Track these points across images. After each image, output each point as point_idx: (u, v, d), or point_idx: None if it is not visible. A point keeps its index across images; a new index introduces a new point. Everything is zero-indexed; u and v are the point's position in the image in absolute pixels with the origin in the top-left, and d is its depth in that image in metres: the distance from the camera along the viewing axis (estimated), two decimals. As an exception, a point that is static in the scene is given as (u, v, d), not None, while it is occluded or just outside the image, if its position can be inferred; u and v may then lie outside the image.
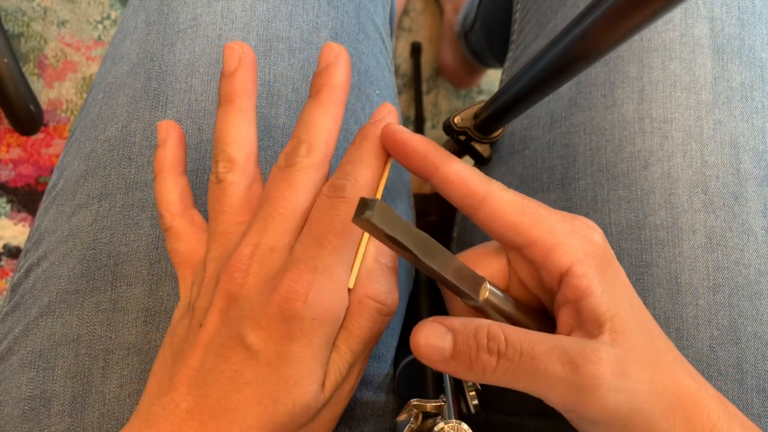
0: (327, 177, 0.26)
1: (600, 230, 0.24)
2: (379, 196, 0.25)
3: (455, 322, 0.22)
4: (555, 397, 0.21)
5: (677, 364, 0.23)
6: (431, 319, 0.22)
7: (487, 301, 0.23)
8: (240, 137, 0.26)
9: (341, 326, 0.24)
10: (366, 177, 0.25)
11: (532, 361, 0.21)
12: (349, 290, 0.24)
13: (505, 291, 0.25)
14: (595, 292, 0.22)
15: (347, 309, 0.24)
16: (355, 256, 0.24)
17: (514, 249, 0.24)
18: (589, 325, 0.22)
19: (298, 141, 0.25)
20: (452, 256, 0.22)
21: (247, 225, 0.25)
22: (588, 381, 0.20)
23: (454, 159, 0.24)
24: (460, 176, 0.23)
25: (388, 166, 0.26)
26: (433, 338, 0.22)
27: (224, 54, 0.26)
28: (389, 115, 0.27)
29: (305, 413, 0.23)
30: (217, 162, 0.26)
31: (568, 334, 0.23)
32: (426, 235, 0.22)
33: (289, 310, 0.22)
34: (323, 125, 0.25)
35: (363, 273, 0.24)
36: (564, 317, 0.23)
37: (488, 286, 0.23)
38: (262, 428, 0.22)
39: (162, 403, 0.23)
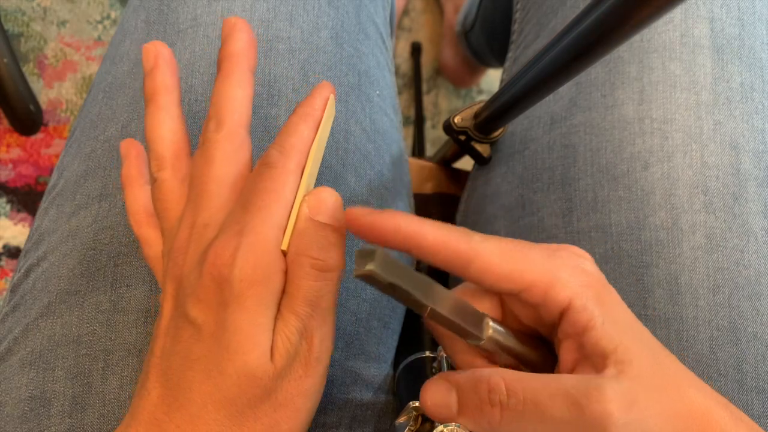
0: (247, 145, 0.26)
1: (589, 256, 0.24)
2: (310, 158, 0.25)
3: (459, 377, 0.22)
4: None
5: (683, 380, 0.23)
6: (438, 376, 0.23)
7: (490, 338, 0.23)
8: (164, 134, 0.26)
9: (284, 292, 0.24)
10: (291, 142, 0.25)
11: (536, 407, 0.21)
12: (287, 254, 0.24)
13: (504, 325, 0.24)
14: (596, 325, 0.22)
15: (287, 273, 0.23)
16: (288, 218, 0.24)
17: (510, 295, 0.24)
18: (594, 359, 0.22)
19: (207, 118, 0.26)
20: (452, 294, 0.22)
21: None
22: (597, 421, 0.20)
23: (428, 224, 0.22)
24: (440, 241, 0.22)
25: (319, 131, 0.25)
26: (438, 397, 0.22)
27: (142, 55, 0.27)
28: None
29: (253, 383, 0.22)
30: (150, 161, 0.26)
31: (572, 369, 0.23)
32: (426, 278, 0.22)
33: (218, 276, 0.22)
34: (228, 96, 0.25)
35: (296, 233, 0.23)
36: (566, 352, 0.23)
37: (490, 322, 0.23)
38: (217, 404, 0.22)
39: (140, 395, 0.23)
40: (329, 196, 0.23)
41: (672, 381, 0.22)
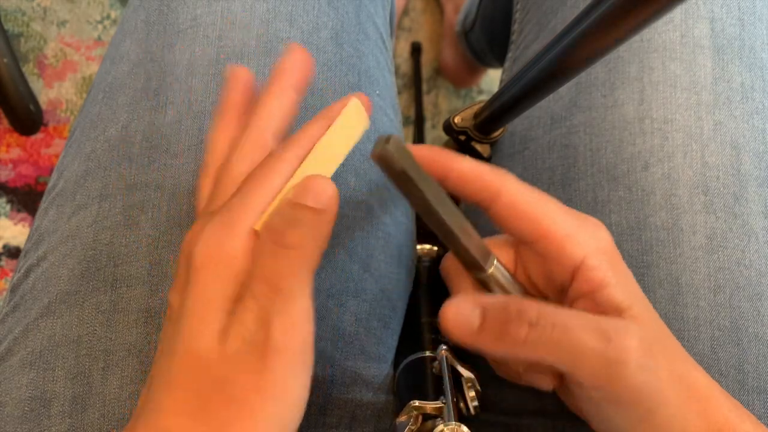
0: (269, 149, 0.26)
1: (607, 230, 0.25)
2: (315, 151, 0.24)
3: (486, 298, 0.23)
4: (584, 371, 0.22)
5: (688, 358, 0.24)
6: (462, 295, 0.23)
7: (493, 275, 0.24)
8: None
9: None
10: (294, 136, 0.25)
11: (565, 331, 0.21)
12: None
13: (514, 275, 0.25)
14: (611, 283, 0.23)
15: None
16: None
17: (526, 243, 0.25)
18: (610, 313, 0.23)
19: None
20: (465, 218, 0.23)
21: None
22: (620, 354, 0.21)
23: (465, 157, 0.25)
24: (474, 172, 0.24)
25: (333, 130, 0.25)
26: (461, 312, 0.23)
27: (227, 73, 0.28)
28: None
29: (198, 366, 0.21)
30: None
31: None
32: (438, 185, 0.22)
33: (186, 254, 0.22)
34: (262, 103, 0.27)
35: (270, 213, 0.23)
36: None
37: (496, 261, 0.24)
38: (169, 385, 0.21)
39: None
40: (317, 182, 0.22)
41: (679, 355, 0.24)
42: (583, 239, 0.23)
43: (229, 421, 0.20)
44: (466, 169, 0.24)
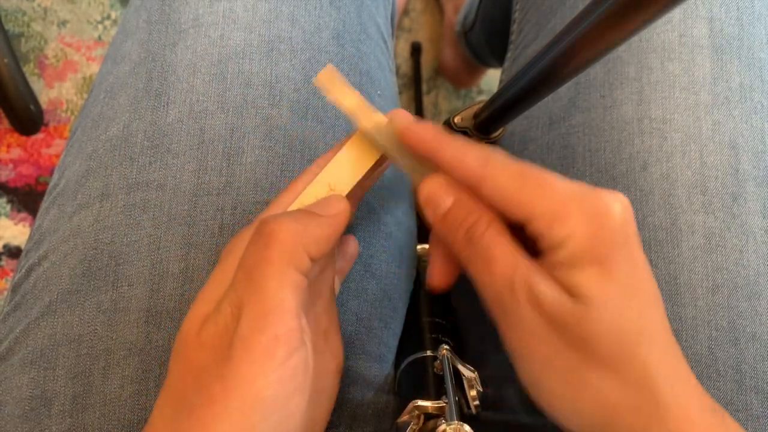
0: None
1: (624, 200, 0.21)
2: (334, 160, 0.27)
3: (465, 194, 0.24)
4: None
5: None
6: (446, 178, 0.24)
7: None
8: None
9: None
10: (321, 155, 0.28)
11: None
12: None
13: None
14: (581, 273, 0.21)
15: None
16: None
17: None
18: (572, 294, 0.21)
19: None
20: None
21: None
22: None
23: (451, 140, 0.24)
24: (457, 158, 0.23)
25: (353, 142, 0.27)
26: (437, 190, 0.24)
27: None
28: None
29: (182, 351, 0.22)
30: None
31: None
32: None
33: None
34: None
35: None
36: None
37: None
38: (169, 372, 0.22)
39: None
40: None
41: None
42: (575, 222, 0.21)
43: (195, 409, 0.20)
44: (448, 156, 0.24)
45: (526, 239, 0.22)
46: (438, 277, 0.26)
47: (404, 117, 0.26)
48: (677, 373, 0.21)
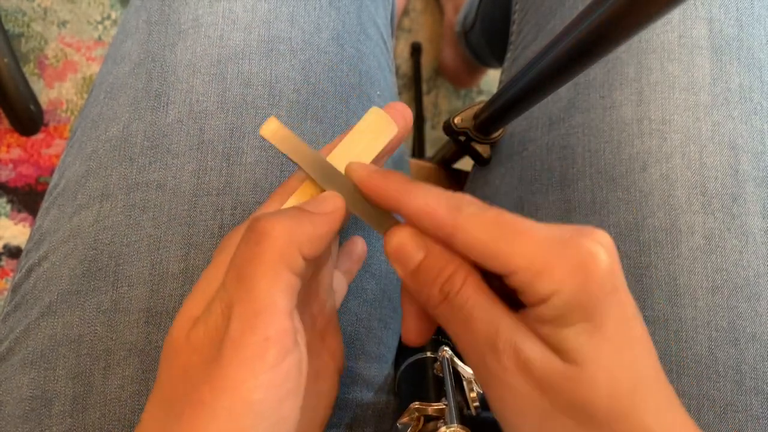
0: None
1: (607, 241, 0.20)
2: (331, 158, 0.26)
3: (436, 247, 0.22)
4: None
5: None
6: (416, 231, 0.22)
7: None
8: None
9: None
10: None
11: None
12: None
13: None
14: (569, 332, 0.19)
15: None
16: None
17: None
18: (560, 356, 0.20)
19: None
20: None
21: None
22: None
23: (418, 189, 0.22)
24: (424, 210, 0.21)
25: (347, 142, 0.26)
26: (408, 244, 0.22)
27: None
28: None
29: (171, 353, 0.21)
30: None
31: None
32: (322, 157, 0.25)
33: None
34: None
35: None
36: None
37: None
38: (159, 374, 0.22)
39: None
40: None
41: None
42: (559, 276, 0.19)
43: (183, 411, 0.19)
44: (414, 207, 0.22)
45: (505, 287, 0.21)
46: (414, 333, 0.25)
47: (360, 168, 0.24)
48: (674, 424, 0.20)
